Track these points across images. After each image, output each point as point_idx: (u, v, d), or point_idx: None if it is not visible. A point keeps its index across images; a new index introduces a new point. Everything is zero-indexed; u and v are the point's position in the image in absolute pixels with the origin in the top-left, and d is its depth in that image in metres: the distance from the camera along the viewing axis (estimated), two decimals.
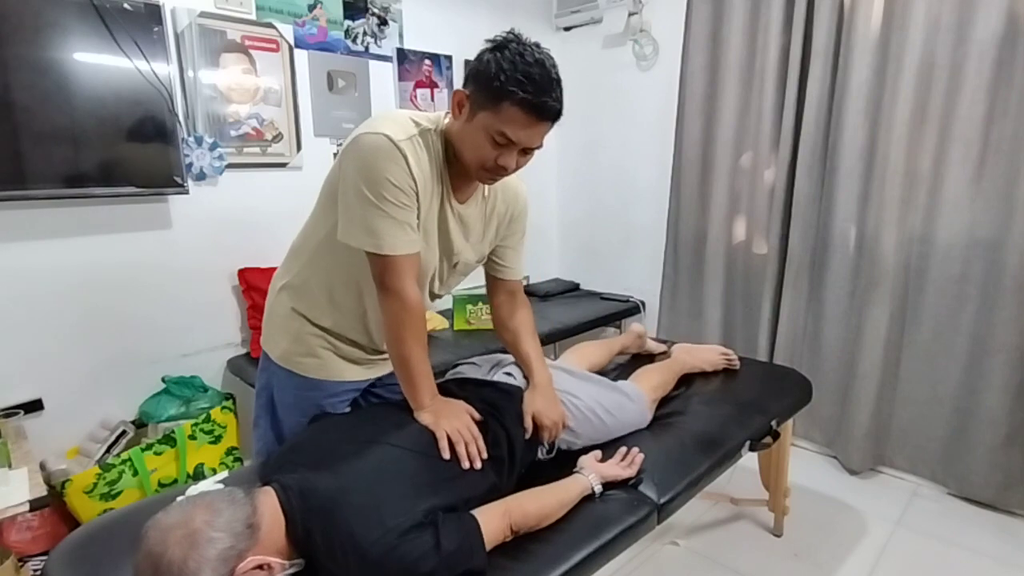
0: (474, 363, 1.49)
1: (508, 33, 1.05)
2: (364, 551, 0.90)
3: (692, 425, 1.54)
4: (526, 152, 1.10)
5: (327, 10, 2.37)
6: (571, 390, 1.40)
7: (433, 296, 1.33)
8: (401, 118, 1.11)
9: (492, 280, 1.41)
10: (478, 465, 1.10)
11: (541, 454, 1.33)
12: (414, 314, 1.13)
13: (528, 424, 1.26)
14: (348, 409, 1.31)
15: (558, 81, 1.05)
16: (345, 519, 0.92)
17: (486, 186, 1.25)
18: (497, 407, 1.26)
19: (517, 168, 1.12)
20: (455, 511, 1.03)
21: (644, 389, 1.57)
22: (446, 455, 1.08)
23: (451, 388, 1.36)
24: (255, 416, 1.36)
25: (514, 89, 0.99)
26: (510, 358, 1.45)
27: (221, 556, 0.81)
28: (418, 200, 1.10)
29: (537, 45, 1.05)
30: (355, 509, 0.93)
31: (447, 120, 1.15)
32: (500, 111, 1.02)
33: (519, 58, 1.00)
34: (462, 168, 1.13)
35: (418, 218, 1.12)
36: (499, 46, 1.03)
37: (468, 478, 1.09)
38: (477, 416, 1.18)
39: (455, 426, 1.12)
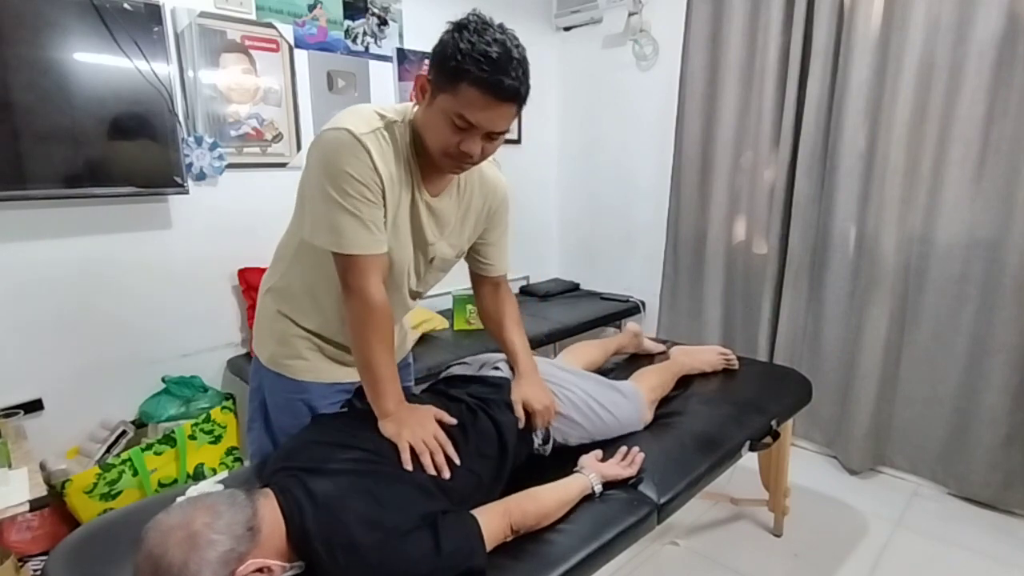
0: (465, 362, 1.49)
1: (470, 14, 1.00)
2: (364, 553, 0.90)
3: (692, 425, 1.54)
4: (491, 138, 1.04)
5: (327, 10, 2.37)
6: (564, 383, 1.40)
7: (412, 294, 1.29)
8: (366, 112, 1.07)
9: (475, 276, 1.40)
10: (446, 475, 1.05)
11: (537, 441, 1.33)
12: (378, 316, 1.08)
13: (519, 412, 1.25)
14: (342, 410, 1.30)
15: (520, 61, 0.98)
16: (344, 522, 0.92)
17: (462, 179, 1.21)
18: (485, 400, 1.26)
19: (484, 156, 1.07)
20: (443, 500, 1.03)
21: (642, 389, 1.57)
22: (408, 467, 1.04)
23: (440, 387, 1.36)
24: (248, 419, 1.35)
25: (470, 68, 0.94)
26: (500, 356, 1.45)
27: (222, 558, 0.81)
28: (384, 196, 1.06)
29: (501, 26, 1.00)
30: (353, 512, 0.93)
31: (415, 109, 1.10)
32: (458, 92, 0.97)
33: (477, 37, 0.95)
34: (431, 159, 1.08)
35: (386, 216, 1.08)
36: (459, 26, 0.98)
37: (458, 482, 1.08)
38: (450, 420, 1.16)
39: (419, 435, 1.08)
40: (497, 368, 1.40)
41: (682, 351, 1.90)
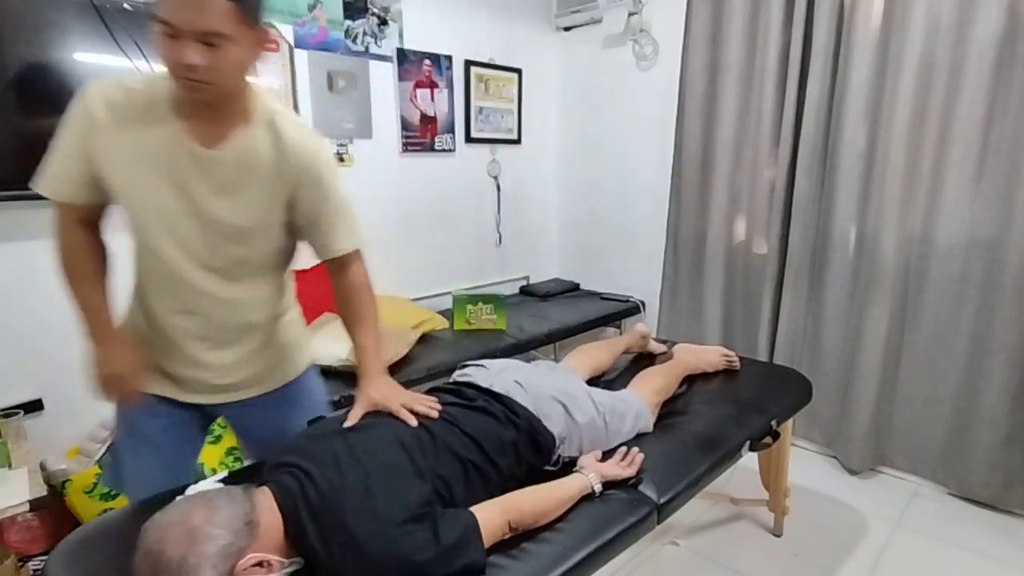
0: (482, 366, 1.46)
1: None
2: (361, 545, 0.90)
3: (692, 425, 1.55)
4: (208, 43, 0.93)
5: (327, 10, 2.37)
6: (575, 394, 1.39)
7: (212, 270, 1.13)
8: (124, 75, 1.09)
9: (323, 263, 1.25)
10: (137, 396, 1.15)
11: (553, 457, 1.32)
12: (66, 254, 1.14)
13: (356, 413, 1.18)
14: (165, 433, 1.25)
15: None
16: (340, 516, 0.92)
17: (250, 132, 1.09)
18: (508, 405, 1.27)
19: (217, 71, 0.95)
20: (441, 495, 1.03)
21: (647, 395, 1.57)
22: (98, 393, 1.15)
23: (464, 391, 1.34)
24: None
25: None
26: (514, 363, 1.44)
27: (221, 553, 0.81)
28: (107, 149, 1.04)
29: None
30: (350, 505, 0.94)
31: None
32: (158, 2, 0.92)
33: None
34: (200, 108, 1.04)
35: (107, 173, 1.05)
36: None
37: (436, 448, 1.10)
38: (141, 377, 1.18)
39: (110, 365, 1.15)
40: (518, 383, 1.35)
41: (686, 349, 1.91)
